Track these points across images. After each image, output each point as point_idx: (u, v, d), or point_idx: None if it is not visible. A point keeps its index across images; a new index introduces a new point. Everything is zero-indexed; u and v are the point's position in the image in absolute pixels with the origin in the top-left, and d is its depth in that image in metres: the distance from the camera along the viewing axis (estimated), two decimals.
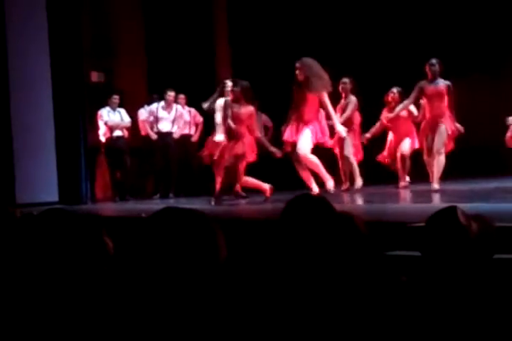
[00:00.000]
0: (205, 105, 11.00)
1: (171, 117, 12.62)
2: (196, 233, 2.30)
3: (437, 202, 8.66)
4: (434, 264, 2.60)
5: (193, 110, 12.82)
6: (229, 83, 10.55)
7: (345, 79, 11.00)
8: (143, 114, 12.67)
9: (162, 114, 12.60)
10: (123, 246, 2.72)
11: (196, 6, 13.27)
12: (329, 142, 10.34)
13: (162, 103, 12.60)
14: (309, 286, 2.53)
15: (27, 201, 10.45)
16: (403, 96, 10.65)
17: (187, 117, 12.80)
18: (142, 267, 2.30)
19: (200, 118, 12.80)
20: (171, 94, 12.52)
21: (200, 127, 12.85)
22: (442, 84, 9.92)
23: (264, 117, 11.49)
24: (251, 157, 9.84)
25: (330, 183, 10.05)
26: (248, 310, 2.35)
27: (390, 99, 11.02)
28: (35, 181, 11.34)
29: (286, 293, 2.52)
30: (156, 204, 11.05)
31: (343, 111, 10.90)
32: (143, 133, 12.67)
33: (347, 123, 10.76)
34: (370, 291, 2.50)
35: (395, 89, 10.98)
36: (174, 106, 12.62)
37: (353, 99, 10.97)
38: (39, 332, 2.32)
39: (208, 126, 11.51)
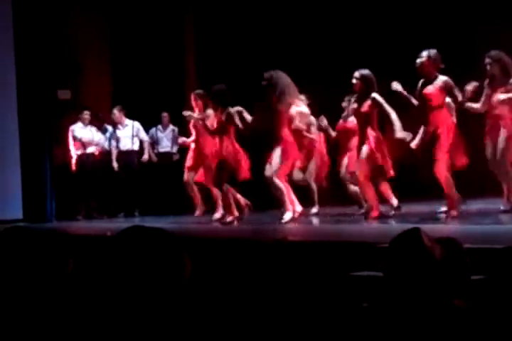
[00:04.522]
0: None
1: (128, 134, 12.54)
2: (162, 251, 2.33)
3: (403, 223, 8.57)
4: (395, 286, 2.60)
5: (176, 129, 12.69)
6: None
7: (301, 97, 10.18)
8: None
9: (120, 133, 12.50)
10: (88, 264, 2.71)
11: (163, 22, 13.26)
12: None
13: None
14: (270, 304, 2.54)
15: None
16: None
17: (169, 135, 12.69)
18: (107, 284, 2.30)
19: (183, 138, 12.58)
20: (114, 111, 12.48)
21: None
22: None
23: None
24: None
25: (289, 214, 9.25)
26: (212, 324, 2.36)
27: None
28: None
29: (246, 307, 2.53)
30: (121, 223, 11.00)
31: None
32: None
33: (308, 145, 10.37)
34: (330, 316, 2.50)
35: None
36: (130, 122, 12.51)
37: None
38: None
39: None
